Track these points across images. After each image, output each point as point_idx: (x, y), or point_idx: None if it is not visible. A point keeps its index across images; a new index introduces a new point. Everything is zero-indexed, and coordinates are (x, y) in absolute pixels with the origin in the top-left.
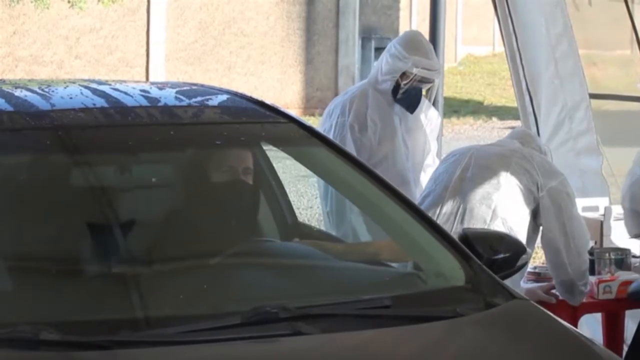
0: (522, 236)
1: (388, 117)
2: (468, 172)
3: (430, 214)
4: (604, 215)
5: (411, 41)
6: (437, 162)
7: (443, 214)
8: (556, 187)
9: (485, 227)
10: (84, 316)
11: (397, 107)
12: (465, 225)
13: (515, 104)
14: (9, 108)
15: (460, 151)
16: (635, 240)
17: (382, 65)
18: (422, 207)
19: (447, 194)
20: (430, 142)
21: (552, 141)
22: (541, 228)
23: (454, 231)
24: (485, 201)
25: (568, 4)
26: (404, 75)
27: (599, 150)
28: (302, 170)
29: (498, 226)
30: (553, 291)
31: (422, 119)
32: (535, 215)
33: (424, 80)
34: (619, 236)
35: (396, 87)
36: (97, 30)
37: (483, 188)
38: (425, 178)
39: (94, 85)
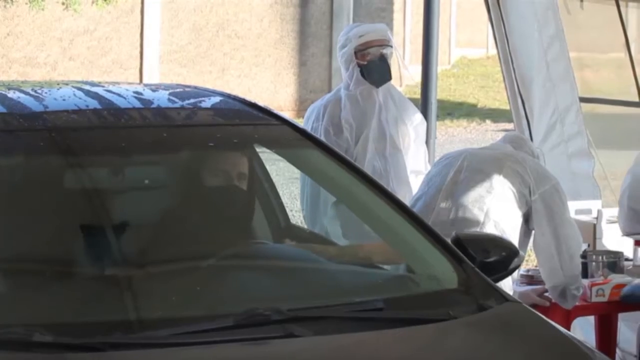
0: (514, 239)
1: (364, 115)
2: (461, 174)
3: (422, 217)
4: (596, 218)
5: (347, 27)
6: (429, 167)
7: (435, 217)
8: (549, 191)
9: (478, 230)
10: (77, 318)
11: (380, 95)
12: (458, 228)
13: (508, 107)
14: (2, 109)
15: (453, 154)
16: (627, 243)
17: (341, 67)
18: (415, 210)
19: (439, 197)
20: (419, 148)
21: (544, 144)
22: (533, 232)
23: (447, 234)
24: (477, 204)
25: (560, 7)
26: (358, 55)
27: (591, 153)
28: (296, 172)
29: (490, 229)
30: (546, 294)
31: (404, 117)
32: (527, 219)
33: (377, 45)
34: (612, 239)
35: (363, 71)
36: (91, 32)
37: (476, 191)
38: (416, 184)
39: (87, 87)
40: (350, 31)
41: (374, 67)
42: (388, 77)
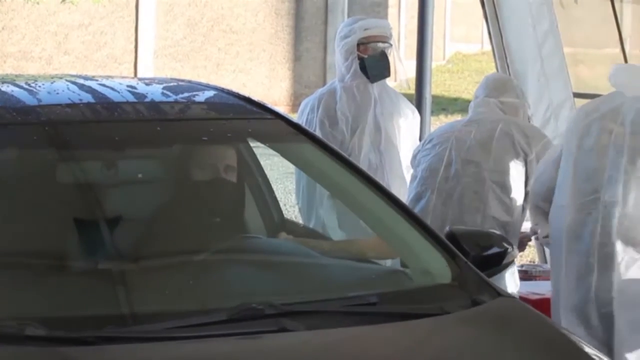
0: (517, 225)
1: (359, 108)
2: (451, 168)
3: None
4: None
5: (350, 19)
6: None
7: (433, 220)
8: (542, 148)
9: (477, 225)
10: (70, 312)
11: (375, 89)
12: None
13: None
14: None
15: (439, 139)
16: None
17: (338, 58)
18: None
19: (434, 198)
20: (413, 142)
21: None
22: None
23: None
24: (474, 203)
25: (554, 2)
26: (360, 48)
27: None
28: (290, 167)
29: (491, 225)
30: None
31: (399, 112)
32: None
33: (379, 41)
34: None
35: (362, 64)
36: (86, 26)
37: (469, 190)
38: (409, 178)
39: (81, 81)
40: (355, 23)
41: (374, 62)
42: (387, 73)
